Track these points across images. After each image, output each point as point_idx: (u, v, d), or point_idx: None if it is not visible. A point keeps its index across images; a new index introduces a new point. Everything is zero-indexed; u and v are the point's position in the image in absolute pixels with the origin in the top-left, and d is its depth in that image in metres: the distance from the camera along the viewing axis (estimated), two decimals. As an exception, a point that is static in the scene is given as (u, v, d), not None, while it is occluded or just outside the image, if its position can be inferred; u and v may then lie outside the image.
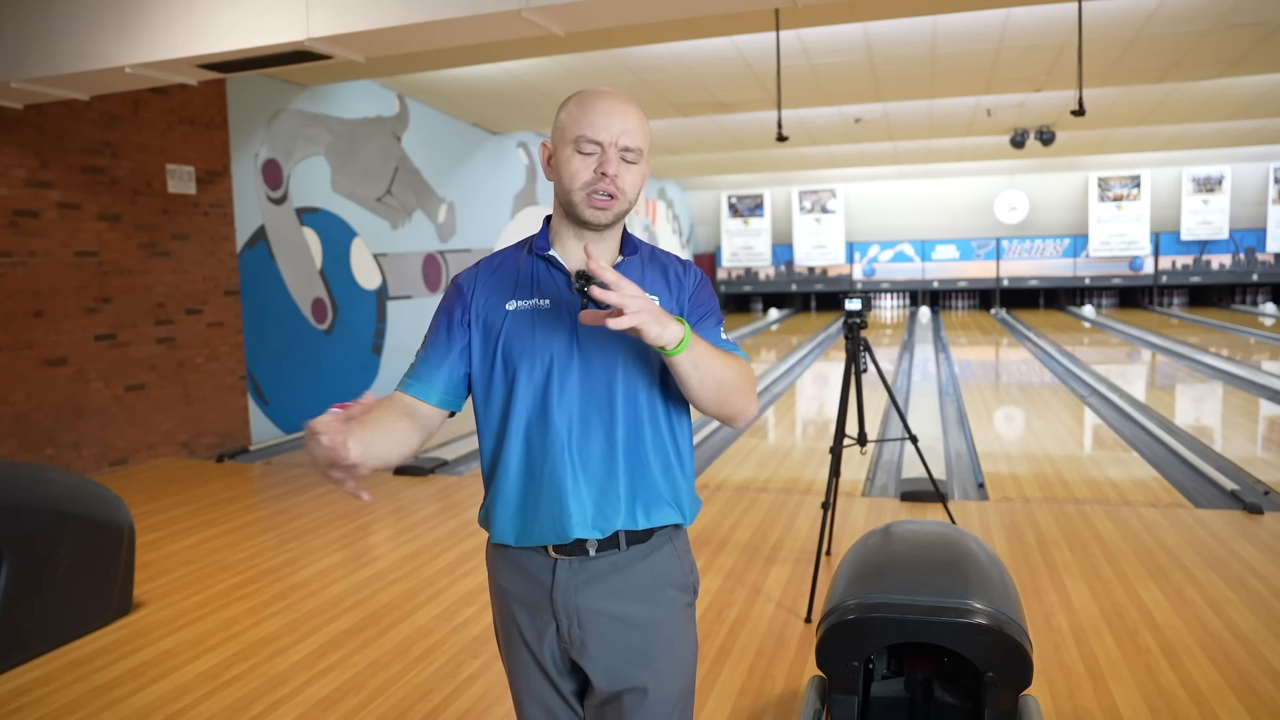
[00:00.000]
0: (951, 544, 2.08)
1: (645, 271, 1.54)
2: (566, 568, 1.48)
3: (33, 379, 5.74)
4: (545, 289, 1.51)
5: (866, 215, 19.19)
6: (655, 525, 1.50)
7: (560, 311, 1.48)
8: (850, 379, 3.90)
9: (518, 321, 1.49)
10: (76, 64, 4.68)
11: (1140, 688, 2.79)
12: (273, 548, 4.48)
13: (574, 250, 1.51)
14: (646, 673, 1.48)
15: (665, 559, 1.52)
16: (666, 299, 1.52)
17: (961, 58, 7.82)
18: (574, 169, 1.46)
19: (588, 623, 1.48)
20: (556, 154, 1.49)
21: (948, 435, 6.74)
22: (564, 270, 1.51)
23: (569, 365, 1.46)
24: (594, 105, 1.46)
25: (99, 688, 3.01)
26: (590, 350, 1.46)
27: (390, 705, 2.85)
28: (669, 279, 1.55)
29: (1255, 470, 5.45)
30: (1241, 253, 17.69)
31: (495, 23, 4.08)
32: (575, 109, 1.47)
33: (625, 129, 1.46)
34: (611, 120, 1.45)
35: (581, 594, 1.48)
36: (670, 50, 7.51)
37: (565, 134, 1.47)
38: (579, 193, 1.45)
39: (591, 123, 1.45)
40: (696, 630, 1.58)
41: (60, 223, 5.88)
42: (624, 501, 1.47)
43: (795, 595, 3.64)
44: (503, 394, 1.50)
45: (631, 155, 1.47)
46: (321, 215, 8.08)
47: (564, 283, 1.50)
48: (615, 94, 1.49)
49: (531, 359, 1.47)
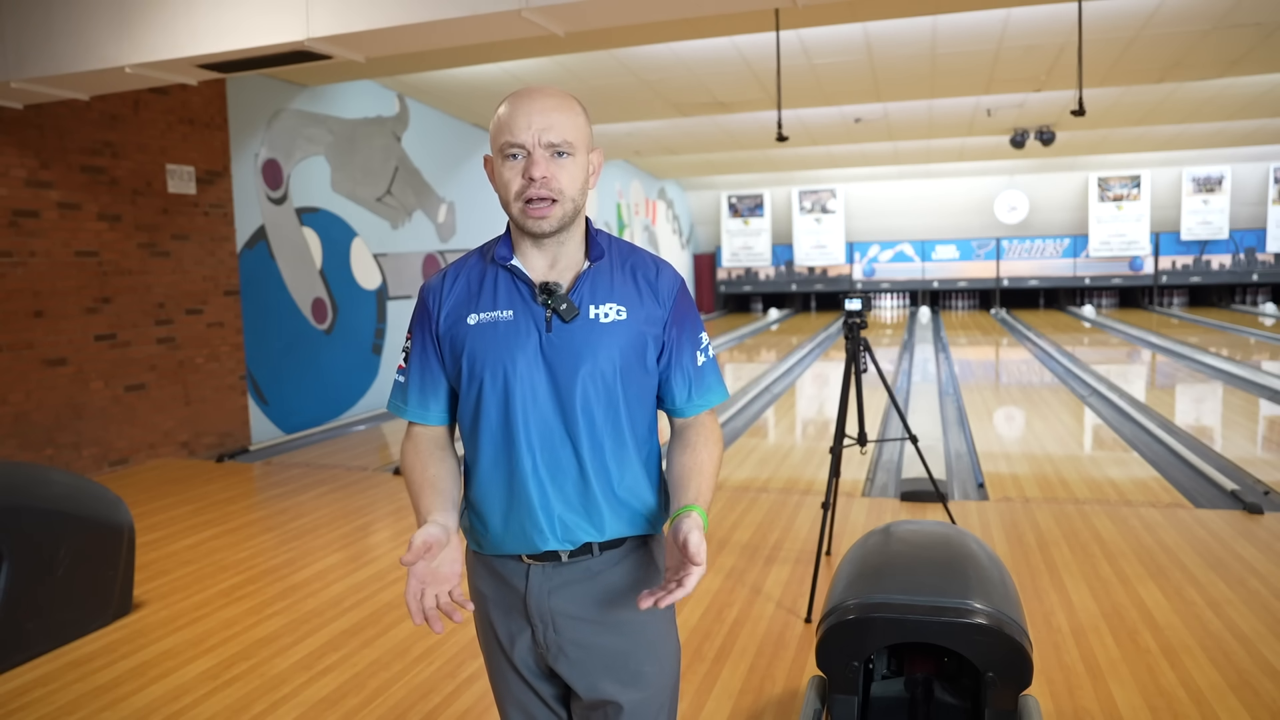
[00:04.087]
0: (951, 544, 2.08)
1: (614, 277, 1.47)
2: (540, 573, 1.46)
3: (33, 379, 5.74)
4: (508, 300, 1.45)
5: (866, 215, 19.18)
6: (625, 536, 1.48)
7: (524, 323, 1.43)
8: (850, 379, 3.90)
9: (481, 334, 1.44)
10: (76, 64, 4.68)
11: (1140, 688, 2.79)
12: (273, 548, 4.48)
13: (535, 259, 1.46)
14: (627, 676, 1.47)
15: (639, 562, 1.50)
16: (636, 306, 1.46)
17: (961, 58, 7.82)
18: (505, 179, 1.40)
19: (563, 628, 1.46)
20: (494, 166, 1.44)
21: (948, 435, 6.74)
22: (527, 280, 1.45)
23: (533, 378, 1.42)
24: (514, 107, 1.39)
25: (99, 688, 3.01)
26: (555, 362, 1.42)
27: (390, 705, 2.85)
28: (638, 284, 1.48)
29: (1255, 470, 5.45)
30: (1241, 253, 17.69)
31: (495, 23, 4.08)
32: (501, 113, 1.41)
33: (547, 124, 1.37)
34: (530, 118, 1.37)
35: (555, 599, 1.46)
36: (670, 50, 7.51)
37: (495, 142, 1.42)
38: (515, 204, 1.40)
39: (512, 125, 1.38)
40: (677, 629, 1.58)
41: (60, 223, 5.88)
42: (592, 514, 1.44)
43: (795, 595, 3.64)
44: (470, 407, 1.47)
45: (563, 149, 1.38)
46: (321, 215, 8.08)
47: (528, 293, 1.45)
48: (539, 90, 1.41)
49: (494, 372, 1.43)
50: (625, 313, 1.45)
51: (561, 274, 1.46)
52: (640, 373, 1.47)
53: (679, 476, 1.47)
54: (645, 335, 1.46)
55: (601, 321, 1.43)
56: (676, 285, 1.51)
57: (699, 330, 1.53)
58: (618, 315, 1.44)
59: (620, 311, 1.45)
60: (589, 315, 1.43)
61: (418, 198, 9.56)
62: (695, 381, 1.51)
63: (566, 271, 1.46)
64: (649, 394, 1.50)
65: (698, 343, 1.52)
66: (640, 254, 1.53)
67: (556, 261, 1.46)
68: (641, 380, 1.47)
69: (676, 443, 1.54)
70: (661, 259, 1.53)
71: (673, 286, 1.50)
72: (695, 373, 1.51)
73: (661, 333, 1.48)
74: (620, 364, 1.43)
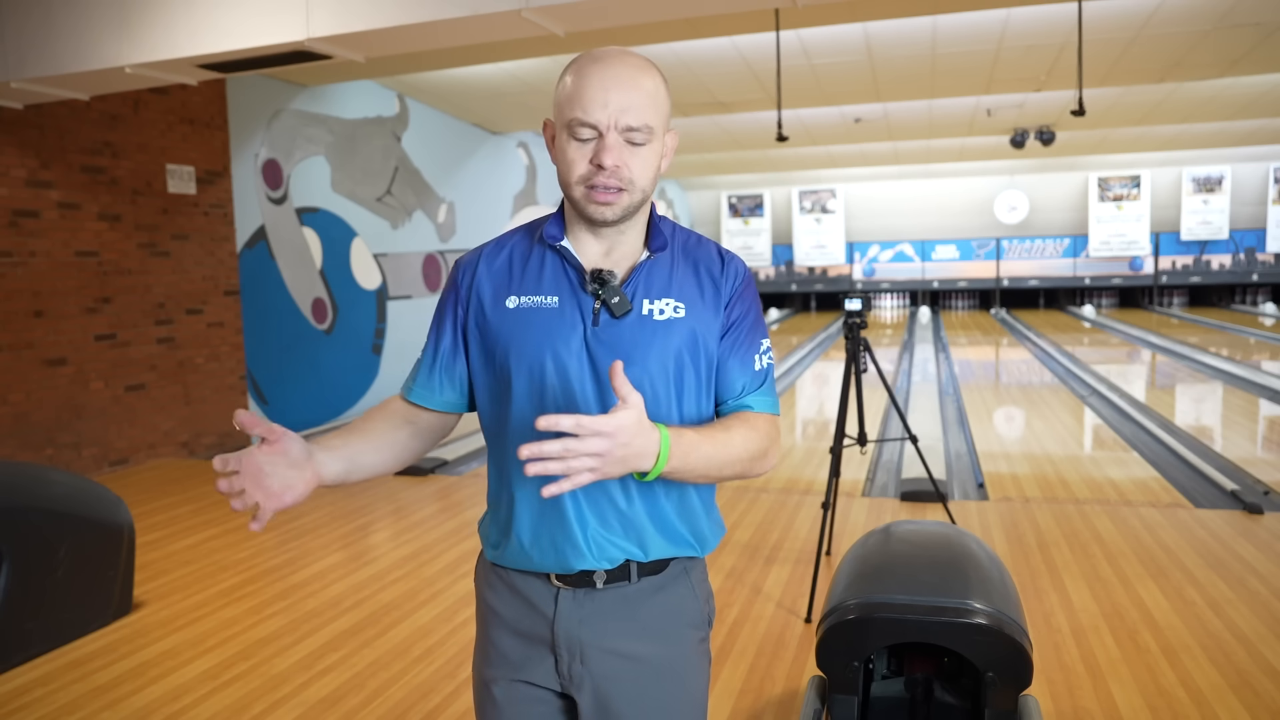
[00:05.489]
0: (951, 544, 2.08)
1: (674, 270, 1.32)
2: (571, 599, 1.30)
3: (33, 379, 5.74)
4: (554, 284, 1.29)
5: (866, 215, 19.18)
6: (669, 557, 1.32)
7: (569, 311, 1.27)
8: (850, 379, 3.90)
9: (520, 321, 1.28)
10: (76, 64, 4.68)
11: (1140, 688, 2.79)
12: (273, 548, 4.48)
13: (590, 244, 1.31)
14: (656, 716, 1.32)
15: (680, 593, 1.34)
16: (696, 303, 1.31)
17: (961, 58, 7.82)
18: (569, 158, 1.23)
19: (591, 660, 1.30)
20: (556, 137, 1.26)
21: (948, 435, 6.74)
22: (577, 265, 1.29)
23: (577, 373, 1.26)
24: (588, 77, 1.21)
25: (99, 688, 3.01)
26: (602, 358, 1.25)
27: (390, 705, 2.85)
28: (700, 279, 1.32)
29: (1255, 470, 5.45)
30: (1241, 253, 17.69)
31: (495, 23, 4.08)
32: (571, 81, 1.23)
33: (626, 105, 1.20)
34: (608, 95, 1.19)
35: (586, 628, 1.30)
36: (670, 50, 7.51)
37: (561, 114, 1.24)
38: (578, 187, 1.24)
39: (585, 100, 1.19)
40: (710, 662, 1.42)
41: (60, 223, 5.88)
42: (634, 531, 1.28)
43: (795, 595, 3.64)
44: (499, 401, 1.31)
45: (639, 136, 1.22)
46: (321, 215, 8.08)
47: (577, 279, 1.29)
48: (617, 58, 1.22)
49: (533, 364, 1.27)
50: (684, 310, 1.29)
51: (617, 263, 1.31)
52: (694, 377, 1.31)
53: None
54: (704, 336, 1.30)
55: (656, 319, 1.27)
56: (742, 278, 1.35)
57: (761, 333, 1.36)
58: (675, 313, 1.28)
59: (678, 309, 1.29)
60: (642, 311, 1.27)
61: (418, 198, 9.56)
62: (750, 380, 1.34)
63: (623, 261, 1.31)
64: (703, 400, 1.33)
65: (758, 345, 1.35)
66: (706, 245, 1.37)
67: (613, 249, 1.31)
68: (695, 385, 1.31)
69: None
70: (728, 250, 1.36)
71: (738, 280, 1.34)
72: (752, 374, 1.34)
73: (720, 332, 1.32)
74: (674, 367, 1.28)
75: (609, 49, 1.24)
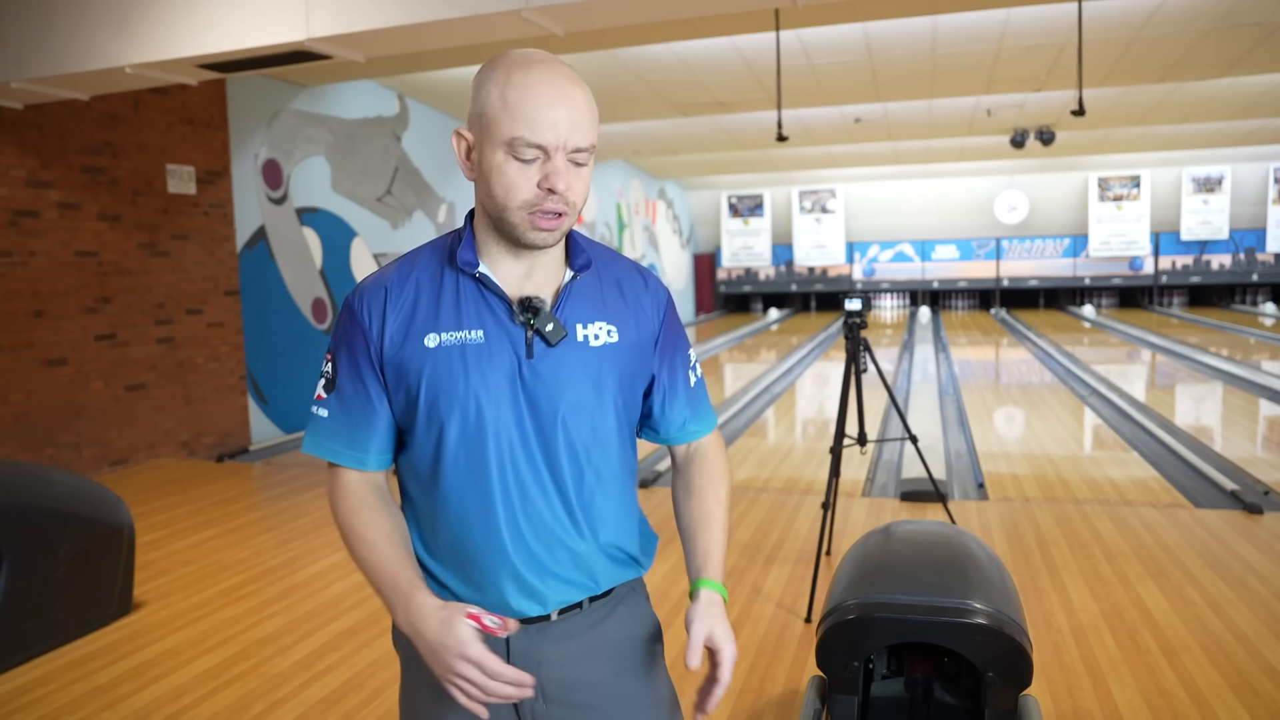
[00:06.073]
0: (951, 544, 2.08)
1: (602, 290, 1.25)
2: (524, 640, 1.21)
3: (33, 379, 5.74)
4: (476, 317, 1.18)
5: (866, 215, 19.20)
6: (616, 584, 1.28)
7: (498, 346, 1.17)
8: (850, 379, 3.90)
9: (443, 360, 1.16)
10: (76, 64, 4.69)
11: (1140, 688, 2.79)
12: (273, 548, 4.48)
13: (508, 267, 1.19)
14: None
15: (632, 607, 1.31)
16: (627, 325, 1.24)
17: (961, 58, 7.83)
18: (509, 181, 1.12)
19: (554, 695, 1.22)
20: (482, 153, 1.14)
21: (948, 435, 6.74)
22: (500, 294, 1.18)
23: (511, 413, 1.17)
24: (528, 91, 1.09)
25: (99, 688, 3.01)
26: (537, 394, 1.17)
27: (390, 705, 2.84)
28: (626, 299, 1.26)
29: (1255, 470, 5.45)
30: (1241, 253, 17.70)
31: (495, 23, 4.08)
32: (504, 94, 1.10)
33: (575, 123, 1.11)
34: (555, 113, 1.09)
35: (546, 664, 1.22)
36: (670, 50, 7.51)
37: (494, 130, 1.11)
38: (518, 212, 1.13)
39: (531, 118, 1.09)
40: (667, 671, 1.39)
41: (60, 223, 5.88)
42: (584, 568, 1.23)
43: (795, 595, 3.64)
44: (430, 449, 1.19)
45: (583, 156, 1.13)
46: (321, 215, 8.08)
47: (503, 310, 1.18)
48: (554, 69, 1.12)
49: (464, 408, 1.16)
50: (616, 334, 1.22)
51: (539, 285, 1.21)
52: (632, 404, 1.27)
53: (687, 530, 1.31)
54: (637, 359, 1.25)
55: (592, 344, 1.20)
56: (665, 298, 1.31)
57: (688, 347, 1.35)
58: (609, 337, 1.22)
59: (611, 332, 1.22)
60: (577, 337, 1.19)
61: (418, 198, 9.56)
62: (692, 405, 1.34)
63: (545, 283, 1.21)
64: (634, 417, 1.30)
65: (689, 360, 1.34)
66: (623, 262, 1.30)
67: (534, 271, 1.21)
68: (632, 412, 1.28)
69: (680, 484, 1.36)
70: (644, 267, 1.32)
71: (662, 300, 1.30)
72: (689, 395, 1.33)
73: (653, 354, 1.28)
74: (614, 394, 1.22)
75: (533, 54, 1.14)
